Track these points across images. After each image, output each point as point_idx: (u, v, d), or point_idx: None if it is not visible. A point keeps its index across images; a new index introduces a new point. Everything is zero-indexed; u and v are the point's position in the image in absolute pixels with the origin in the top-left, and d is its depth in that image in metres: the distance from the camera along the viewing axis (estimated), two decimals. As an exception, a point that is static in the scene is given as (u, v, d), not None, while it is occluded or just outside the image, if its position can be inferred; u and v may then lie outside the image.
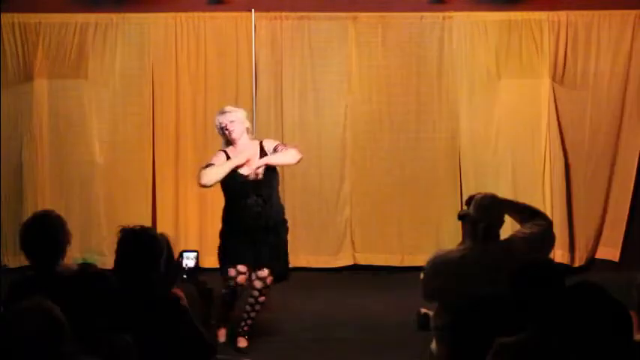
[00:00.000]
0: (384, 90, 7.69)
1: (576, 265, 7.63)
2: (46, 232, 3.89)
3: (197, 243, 7.52)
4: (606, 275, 6.91)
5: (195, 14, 7.63)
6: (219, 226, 7.64)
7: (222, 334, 5.78)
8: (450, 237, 6.92)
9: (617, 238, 7.71)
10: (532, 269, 3.34)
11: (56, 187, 7.65)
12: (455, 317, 3.66)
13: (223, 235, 5.79)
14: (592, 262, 7.74)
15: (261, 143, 5.79)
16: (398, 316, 6.20)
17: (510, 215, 4.58)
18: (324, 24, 7.67)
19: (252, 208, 5.64)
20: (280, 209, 5.83)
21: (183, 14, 7.62)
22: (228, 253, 5.71)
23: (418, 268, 4.65)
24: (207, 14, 7.64)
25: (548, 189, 7.57)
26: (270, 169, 5.72)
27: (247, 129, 5.79)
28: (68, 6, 7.57)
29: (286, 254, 5.82)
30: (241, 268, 5.65)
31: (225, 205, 5.77)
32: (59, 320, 2.57)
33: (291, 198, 7.58)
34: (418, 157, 7.70)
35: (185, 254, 3.90)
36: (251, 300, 5.71)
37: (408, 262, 7.50)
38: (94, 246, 7.52)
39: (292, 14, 7.65)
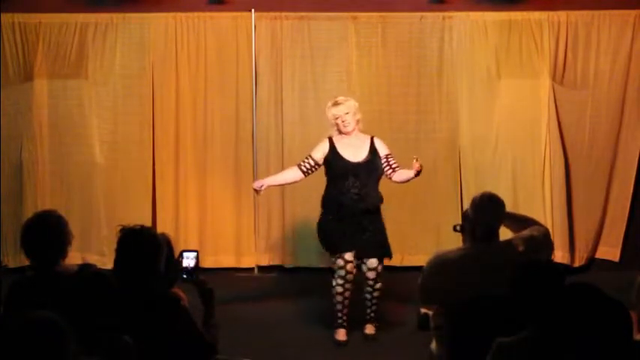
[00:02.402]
0: (384, 90, 7.69)
1: (576, 265, 7.63)
2: (47, 232, 3.89)
3: (197, 243, 7.53)
4: (606, 275, 6.93)
5: (195, 14, 7.63)
6: (219, 225, 7.73)
7: (341, 334, 5.90)
8: (450, 237, 6.88)
9: (617, 238, 7.72)
10: (532, 269, 3.34)
11: (56, 187, 7.65)
12: (455, 317, 3.66)
13: (324, 222, 5.89)
14: (592, 262, 7.75)
15: (372, 139, 5.94)
16: (398, 316, 6.21)
17: (507, 225, 4.59)
18: (324, 24, 7.67)
19: (351, 190, 5.80)
20: (379, 195, 5.91)
21: (183, 14, 7.62)
22: (332, 241, 5.84)
23: (418, 268, 4.65)
24: (207, 14, 7.64)
25: (548, 189, 7.58)
26: (375, 155, 5.86)
27: (358, 120, 5.94)
28: (68, 6, 7.57)
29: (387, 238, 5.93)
30: (348, 256, 5.78)
31: (326, 190, 5.93)
32: (64, 334, 2.55)
33: (291, 198, 7.60)
34: (418, 157, 7.69)
35: (185, 254, 3.89)
36: (368, 289, 5.86)
37: (408, 262, 7.51)
38: (94, 246, 7.53)
39: (292, 14, 7.65)
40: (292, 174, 6.05)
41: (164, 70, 7.65)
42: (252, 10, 7.53)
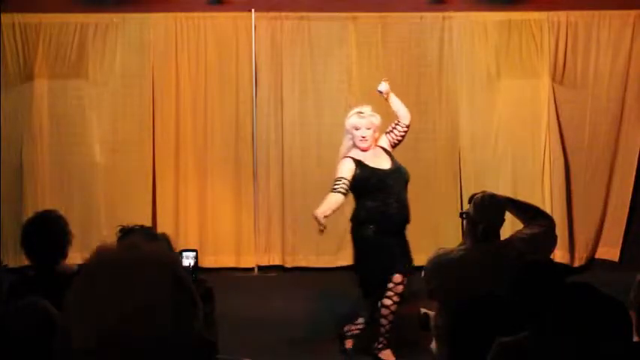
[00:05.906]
0: (384, 90, 7.68)
1: (576, 265, 7.64)
2: (47, 232, 3.89)
3: (197, 243, 7.53)
4: (606, 275, 6.92)
5: (195, 14, 7.63)
6: (219, 225, 7.72)
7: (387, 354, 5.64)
8: (449, 237, 6.92)
9: (617, 237, 7.72)
10: (532, 269, 3.34)
11: (56, 187, 7.65)
12: (455, 317, 3.66)
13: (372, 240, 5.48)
14: (592, 262, 7.75)
15: (382, 148, 5.64)
16: (398, 316, 6.20)
17: (513, 214, 4.58)
18: (324, 24, 7.67)
19: (389, 200, 5.51)
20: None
21: (183, 14, 7.62)
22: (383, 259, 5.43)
23: (418, 268, 4.65)
24: (207, 14, 7.64)
25: (548, 189, 7.58)
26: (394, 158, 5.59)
27: (376, 137, 5.61)
28: (68, 6, 7.57)
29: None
30: (397, 277, 5.42)
31: (362, 205, 5.53)
32: (53, 317, 2.56)
33: (291, 198, 7.60)
34: (418, 157, 7.69)
35: (184, 254, 3.90)
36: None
37: (408, 262, 7.50)
38: (94, 246, 7.52)
39: (292, 14, 7.65)
40: (335, 199, 5.44)
41: (164, 70, 7.65)
42: (252, 10, 7.53)
